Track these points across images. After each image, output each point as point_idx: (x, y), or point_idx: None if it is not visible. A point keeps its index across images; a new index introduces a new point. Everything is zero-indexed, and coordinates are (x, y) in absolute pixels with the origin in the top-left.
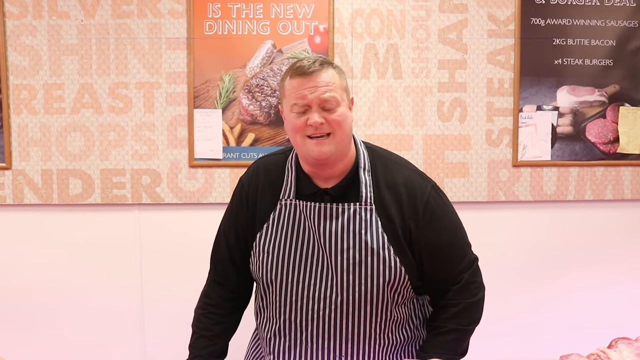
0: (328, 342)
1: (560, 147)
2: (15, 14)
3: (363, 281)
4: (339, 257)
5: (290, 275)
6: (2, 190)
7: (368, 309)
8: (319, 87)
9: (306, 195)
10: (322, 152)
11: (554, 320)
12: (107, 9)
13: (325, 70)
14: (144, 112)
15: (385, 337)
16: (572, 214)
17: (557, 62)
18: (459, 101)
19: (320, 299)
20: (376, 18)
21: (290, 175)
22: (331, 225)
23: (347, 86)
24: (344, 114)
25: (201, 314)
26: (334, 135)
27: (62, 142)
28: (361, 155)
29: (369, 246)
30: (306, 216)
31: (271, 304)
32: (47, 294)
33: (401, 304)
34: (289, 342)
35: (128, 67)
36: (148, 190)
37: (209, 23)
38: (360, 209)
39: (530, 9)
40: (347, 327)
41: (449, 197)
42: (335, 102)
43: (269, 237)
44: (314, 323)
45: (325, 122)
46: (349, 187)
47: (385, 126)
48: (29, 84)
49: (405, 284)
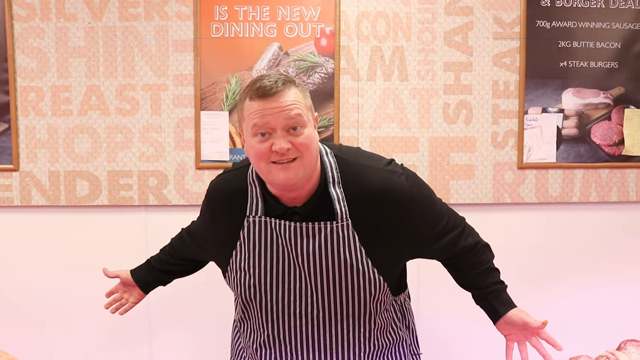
0: (314, 353)
1: (566, 149)
2: (23, 16)
3: (344, 297)
4: (318, 276)
5: (269, 293)
6: (9, 192)
7: (351, 321)
8: (283, 108)
9: (275, 214)
10: (288, 178)
11: (560, 322)
12: (115, 12)
13: (288, 89)
14: (150, 114)
15: (370, 344)
16: (577, 216)
17: (562, 64)
18: (465, 103)
19: (302, 316)
20: (382, 21)
21: (254, 192)
22: (308, 245)
23: (311, 105)
24: (311, 136)
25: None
26: (301, 159)
27: (69, 143)
28: (328, 169)
29: (348, 263)
30: (279, 234)
31: (252, 318)
32: (54, 295)
33: (382, 310)
34: (275, 353)
35: (135, 69)
36: (155, 192)
37: (216, 25)
38: (337, 227)
39: (535, 12)
40: (331, 340)
41: (454, 199)
42: (302, 123)
43: (243, 256)
44: (297, 338)
45: (292, 147)
46: (319, 204)
47: (391, 128)
48: (37, 86)
49: (385, 291)
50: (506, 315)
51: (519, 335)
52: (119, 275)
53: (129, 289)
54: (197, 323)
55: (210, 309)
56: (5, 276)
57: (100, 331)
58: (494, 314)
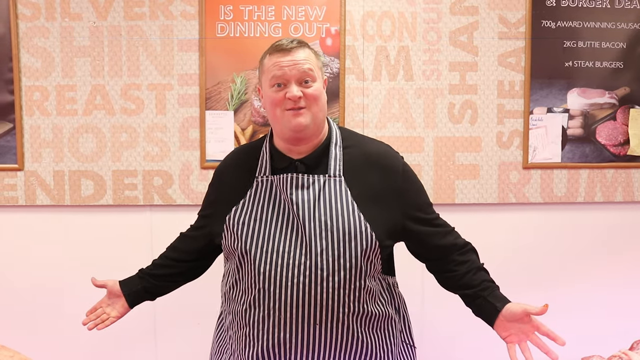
0: (302, 309)
1: (571, 149)
2: (28, 15)
3: (336, 246)
4: (312, 224)
5: (265, 243)
6: (14, 192)
7: (342, 274)
8: (297, 62)
9: (280, 169)
10: (299, 123)
11: (568, 322)
12: (120, 11)
13: (302, 48)
14: (155, 114)
15: (359, 305)
16: (582, 216)
17: (567, 64)
18: (470, 103)
19: (294, 266)
20: (387, 20)
21: (265, 154)
22: (303, 194)
23: (321, 66)
24: (319, 90)
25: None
26: (309, 109)
27: (74, 143)
28: (334, 133)
29: (340, 213)
30: (280, 189)
31: (246, 275)
32: (59, 294)
33: (371, 275)
34: (263, 312)
35: (140, 69)
36: (160, 192)
37: (221, 25)
38: (330, 180)
39: (540, 12)
40: (321, 294)
41: (459, 198)
42: (312, 77)
43: (245, 211)
44: (288, 290)
45: (302, 96)
46: (320, 159)
47: (396, 128)
48: (42, 86)
49: (376, 251)
50: (505, 308)
51: (519, 334)
52: (106, 284)
53: (113, 301)
54: (202, 322)
55: (215, 308)
56: (9, 275)
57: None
58: (491, 311)
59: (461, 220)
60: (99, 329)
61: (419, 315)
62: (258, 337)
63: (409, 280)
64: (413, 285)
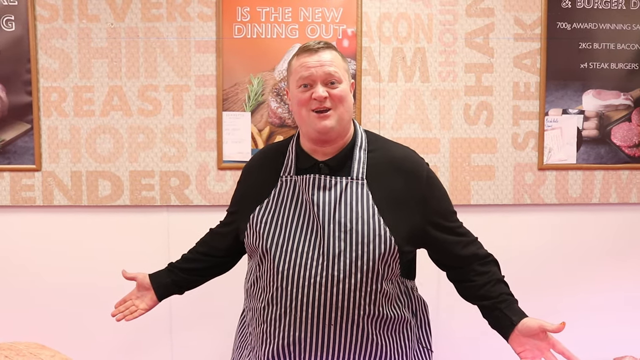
0: (318, 309)
1: (586, 151)
2: (46, 17)
3: (354, 249)
4: (332, 226)
5: (284, 243)
6: (32, 192)
7: (359, 276)
8: (323, 63)
9: (305, 169)
10: (325, 125)
11: (582, 324)
12: (137, 13)
13: (330, 50)
14: (172, 115)
15: (375, 308)
16: (597, 217)
17: (582, 66)
18: (485, 104)
19: (312, 266)
20: (404, 22)
21: (291, 154)
22: (325, 196)
23: (348, 69)
24: (345, 91)
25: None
26: (335, 110)
27: (91, 144)
28: (359, 135)
29: (360, 216)
30: (303, 189)
31: (265, 273)
32: (76, 295)
33: (388, 279)
34: (280, 310)
35: (157, 70)
36: (177, 192)
37: (238, 26)
38: (352, 183)
39: (556, 13)
40: (337, 295)
41: (475, 199)
42: (338, 79)
43: (268, 210)
44: (304, 290)
45: (328, 97)
46: (344, 161)
47: (412, 129)
48: (59, 87)
49: (394, 256)
50: (521, 322)
51: (534, 351)
52: (136, 277)
53: (143, 294)
54: (218, 323)
55: (231, 309)
56: (26, 276)
57: (121, 331)
58: (507, 324)
59: (476, 221)
60: (127, 320)
61: (435, 318)
62: (275, 334)
63: (425, 284)
64: (429, 288)
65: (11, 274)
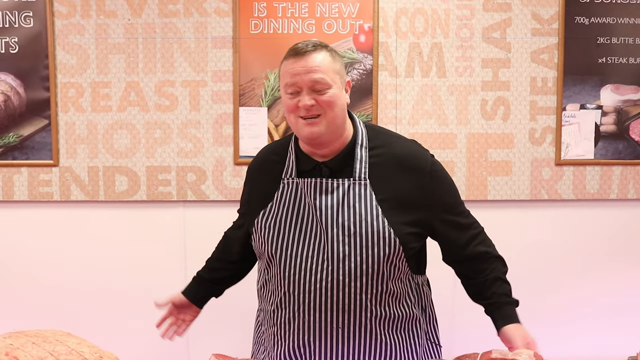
0: (325, 313)
1: (604, 146)
2: (64, 13)
3: (358, 252)
4: (335, 229)
5: (288, 248)
6: (49, 187)
7: (364, 279)
8: (309, 69)
9: (306, 171)
10: (312, 132)
11: (600, 320)
12: (154, 8)
13: (318, 52)
14: (189, 110)
15: (382, 309)
16: (615, 213)
17: (600, 60)
18: (502, 100)
19: (317, 271)
20: (420, 17)
21: (291, 156)
22: (327, 199)
23: (340, 69)
24: (335, 95)
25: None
26: (324, 116)
27: (108, 139)
28: (359, 133)
29: (363, 217)
30: (305, 192)
31: (273, 277)
32: (92, 290)
33: (397, 278)
34: (288, 314)
35: (174, 66)
36: (193, 188)
37: (255, 22)
38: (354, 184)
39: (574, 8)
40: (343, 298)
41: (491, 195)
42: (325, 84)
43: (272, 214)
44: (310, 295)
45: (315, 104)
46: (345, 161)
47: (429, 125)
48: (77, 82)
49: (400, 256)
50: (502, 330)
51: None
52: (172, 301)
53: (183, 310)
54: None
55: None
56: (44, 270)
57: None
58: (496, 327)
59: (493, 217)
60: (179, 334)
61: (450, 313)
62: (284, 337)
63: (440, 278)
64: (445, 283)
65: (28, 269)
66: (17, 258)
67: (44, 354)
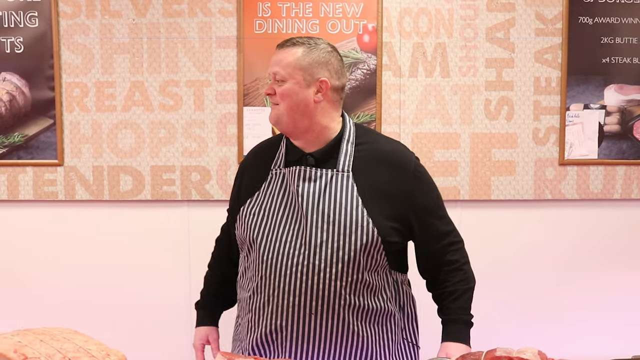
0: (299, 298)
1: (607, 146)
2: (69, 13)
3: (336, 239)
4: (315, 216)
5: (270, 232)
6: (54, 187)
7: (340, 266)
8: (277, 62)
9: (293, 161)
10: (270, 116)
11: (602, 321)
12: (159, 8)
13: (292, 48)
14: (194, 110)
15: (356, 299)
16: (618, 213)
17: (604, 60)
18: (506, 100)
19: (293, 255)
20: (424, 17)
21: (282, 148)
22: (310, 187)
23: (309, 66)
24: (289, 90)
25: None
26: (281, 106)
27: (113, 139)
28: (347, 129)
29: (344, 207)
30: (290, 180)
31: (252, 263)
32: (97, 290)
33: (373, 270)
34: (264, 298)
35: (179, 65)
36: (197, 187)
37: (259, 22)
38: (337, 174)
39: (578, 8)
40: (317, 284)
41: (495, 195)
42: (281, 77)
43: (257, 202)
44: (286, 279)
45: (274, 94)
46: (330, 154)
47: (432, 124)
48: (81, 82)
49: (378, 247)
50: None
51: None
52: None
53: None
54: None
55: None
56: (48, 269)
57: (143, 324)
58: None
59: (497, 216)
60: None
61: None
62: (258, 322)
63: None
64: None
65: (33, 268)
66: (22, 257)
67: (52, 352)
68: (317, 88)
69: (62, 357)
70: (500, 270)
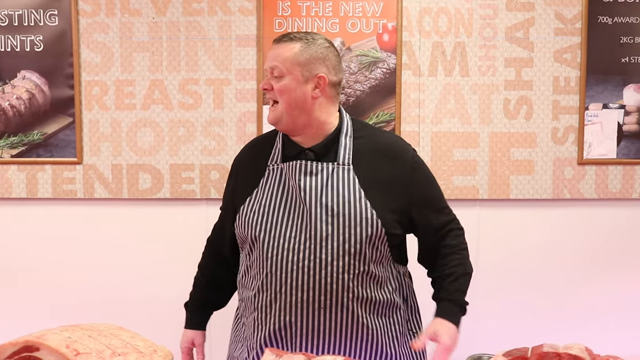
0: (307, 293)
1: (626, 145)
2: (89, 12)
3: (341, 231)
4: (318, 209)
5: (272, 229)
6: (73, 185)
7: (346, 259)
8: (273, 56)
9: (291, 156)
10: (269, 117)
11: (623, 320)
12: (178, 7)
13: (289, 43)
14: (213, 108)
15: (364, 291)
16: (637, 212)
17: (624, 60)
18: (525, 99)
19: (299, 251)
20: (444, 16)
21: (278, 144)
22: (311, 180)
23: (306, 62)
24: (287, 85)
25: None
26: (280, 104)
27: (132, 137)
28: (344, 123)
29: (347, 199)
30: (289, 175)
31: (255, 261)
32: (116, 288)
33: (379, 262)
34: (270, 295)
35: (198, 64)
36: (216, 185)
37: (279, 21)
38: (338, 168)
39: (597, 7)
40: (325, 277)
41: (514, 194)
42: (279, 73)
43: (257, 200)
44: (293, 274)
45: (271, 90)
46: (329, 148)
47: (452, 124)
48: (101, 80)
49: (382, 239)
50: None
51: None
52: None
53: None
54: None
55: None
56: (66, 268)
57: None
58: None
59: (515, 216)
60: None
61: None
62: (266, 320)
63: None
64: None
65: (52, 266)
66: (41, 255)
67: (101, 347)
68: (315, 84)
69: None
70: (520, 269)
